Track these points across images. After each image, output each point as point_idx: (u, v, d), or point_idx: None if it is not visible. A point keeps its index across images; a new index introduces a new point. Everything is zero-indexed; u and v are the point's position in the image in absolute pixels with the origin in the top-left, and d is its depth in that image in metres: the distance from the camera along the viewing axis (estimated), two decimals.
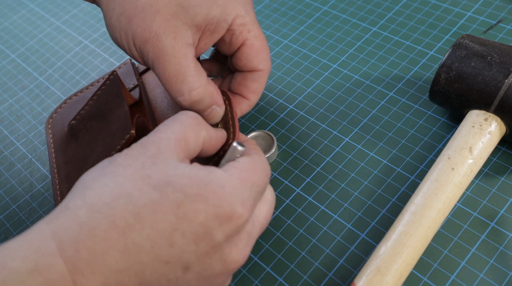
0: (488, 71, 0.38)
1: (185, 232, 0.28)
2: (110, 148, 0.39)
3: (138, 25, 0.34)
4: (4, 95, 0.58)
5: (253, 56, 0.38)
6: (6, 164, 0.51)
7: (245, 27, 0.36)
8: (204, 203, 0.28)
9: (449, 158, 0.37)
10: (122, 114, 0.40)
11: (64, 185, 0.42)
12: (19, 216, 0.46)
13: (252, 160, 0.32)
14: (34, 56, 0.62)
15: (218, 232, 0.28)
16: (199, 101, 0.35)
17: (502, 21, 0.51)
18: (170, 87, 0.35)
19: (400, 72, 0.49)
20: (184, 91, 0.35)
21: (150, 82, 0.47)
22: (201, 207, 0.28)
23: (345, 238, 0.39)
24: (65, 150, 0.44)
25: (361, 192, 0.42)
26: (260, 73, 0.39)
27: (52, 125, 0.47)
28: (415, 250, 0.34)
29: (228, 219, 0.28)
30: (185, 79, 0.34)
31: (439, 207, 0.35)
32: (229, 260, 0.30)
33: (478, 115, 0.39)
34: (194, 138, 0.32)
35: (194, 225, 0.28)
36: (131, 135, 0.38)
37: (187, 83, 0.34)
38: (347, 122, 0.46)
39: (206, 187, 0.29)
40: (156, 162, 0.29)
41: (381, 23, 0.55)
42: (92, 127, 0.43)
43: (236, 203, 0.29)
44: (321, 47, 0.54)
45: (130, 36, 0.34)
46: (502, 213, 0.38)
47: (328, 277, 0.37)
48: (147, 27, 0.34)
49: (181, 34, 0.34)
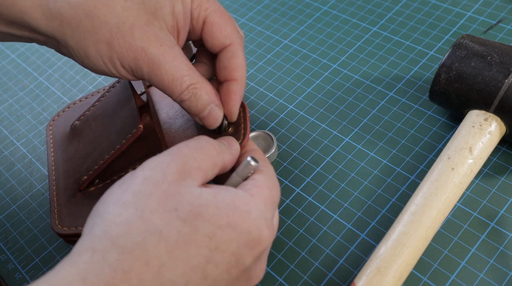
0: (488, 71, 0.38)
1: (218, 263, 0.28)
2: (115, 143, 0.39)
3: (120, 46, 0.33)
4: (4, 95, 0.58)
5: (216, 32, 0.36)
6: (6, 164, 0.51)
7: (202, 6, 0.35)
8: (235, 232, 0.28)
9: (449, 158, 0.37)
10: (130, 112, 0.40)
11: (61, 181, 0.42)
12: (19, 216, 0.46)
13: (268, 177, 0.33)
14: (34, 56, 0.62)
15: (249, 258, 0.29)
16: (198, 96, 0.35)
17: (502, 21, 0.51)
18: (171, 91, 0.35)
19: (400, 72, 0.49)
20: (183, 89, 0.35)
21: (157, 95, 0.47)
22: (232, 236, 0.28)
23: (345, 238, 0.39)
24: (66, 148, 0.44)
25: (361, 192, 0.42)
26: (231, 47, 0.36)
27: (53, 127, 0.47)
28: (415, 250, 0.34)
29: (257, 244, 0.29)
30: (182, 79, 0.34)
31: (439, 207, 0.35)
32: (253, 278, 0.31)
33: (478, 115, 0.39)
34: (212, 169, 0.31)
35: (226, 255, 0.28)
36: (139, 129, 0.38)
37: (184, 83, 0.34)
38: (347, 122, 0.46)
39: (234, 214, 0.28)
40: (179, 191, 0.28)
41: (381, 23, 0.55)
42: (96, 126, 0.43)
43: (263, 226, 0.29)
44: (321, 47, 0.54)
45: (116, 60, 0.34)
46: (502, 213, 0.38)
47: (328, 277, 0.37)
48: (130, 45, 0.33)
49: (164, 39, 0.34)
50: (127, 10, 0.33)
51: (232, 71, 0.37)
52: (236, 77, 0.37)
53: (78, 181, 0.41)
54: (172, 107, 0.45)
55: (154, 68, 0.34)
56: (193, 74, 0.35)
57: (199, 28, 0.36)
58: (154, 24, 0.34)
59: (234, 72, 0.37)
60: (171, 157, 0.30)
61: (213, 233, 0.28)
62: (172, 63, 0.34)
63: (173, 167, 0.29)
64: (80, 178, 0.41)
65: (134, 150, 0.41)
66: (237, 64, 0.37)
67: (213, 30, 0.36)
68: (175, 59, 0.34)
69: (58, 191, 0.42)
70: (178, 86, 0.34)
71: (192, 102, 0.35)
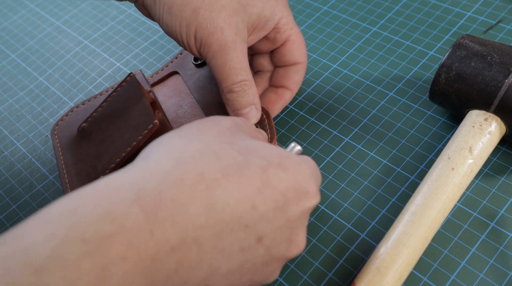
0: (488, 71, 0.38)
1: (267, 197, 0.27)
2: (130, 141, 0.39)
3: (204, 17, 0.35)
4: (4, 95, 0.58)
5: (295, 50, 0.42)
6: (6, 164, 0.51)
7: (289, 26, 0.41)
8: (286, 173, 0.28)
9: (449, 158, 0.37)
10: (143, 109, 0.40)
11: (75, 183, 0.42)
12: (19, 216, 0.46)
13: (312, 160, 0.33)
14: (34, 56, 0.62)
15: (294, 206, 0.28)
16: (246, 92, 0.38)
17: (502, 21, 0.51)
18: (226, 77, 0.37)
19: (400, 72, 0.49)
20: (237, 81, 0.38)
21: (161, 95, 0.47)
22: (283, 175, 0.28)
23: (345, 238, 0.39)
24: (75, 150, 0.44)
25: (361, 192, 0.42)
26: (301, 65, 0.43)
27: (58, 131, 0.47)
28: (415, 250, 0.34)
29: (304, 195, 0.29)
30: (241, 72, 0.37)
31: (439, 207, 0.35)
32: (294, 243, 0.29)
33: (478, 115, 0.39)
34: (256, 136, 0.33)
35: (276, 192, 0.27)
36: (155, 124, 0.38)
37: (241, 76, 0.38)
38: (347, 122, 0.46)
39: (286, 159, 0.29)
40: (234, 133, 0.30)
41: (381, 23, 0.55)
42: (106, 127, 0.43)
43: (311, 182, 0.30)
44: (321, 47, 0.54)
45: (193, 27, 0.36)
46: (502, 213, 0.38)
47: (328, 277, 0.37)
48: (213, 21, 0.35)
49: (241, 31, 0.37)
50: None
51: (293, 83, 0.44)
52: (292, 89, 0.44)
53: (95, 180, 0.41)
54: (180, 107, 0.45)
55: (222, 50, 0.36)
56: (249, 72, 0.38)
57: (279, 41, 0.42)
58: (240, 15, 0.37)
59: (293, 85, 0.44)
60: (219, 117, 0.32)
61: (266, 167, 0.28)
62: (238, 54, 0.37)
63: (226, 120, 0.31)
64: (96, 177, 0.41)
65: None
66: (299, 80, 0.44)
67: (293, 48, 0.42)
68: (241, 52, 0.37)
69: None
70: (234, 76, 0.37)
71: (239, 96, 0.38)
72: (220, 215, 0.26)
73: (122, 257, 0.23)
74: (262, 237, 0.27)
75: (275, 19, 0.39)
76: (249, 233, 0.27)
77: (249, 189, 0.27)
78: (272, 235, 0.28)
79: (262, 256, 0.28)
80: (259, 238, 0.27)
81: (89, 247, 0.22)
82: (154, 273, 0.24)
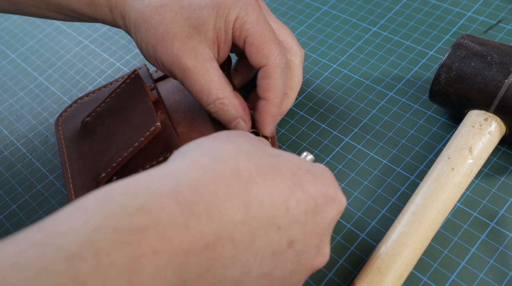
0: (488, 71, 0.38)
1: (300, 199, 0.27)
2: (132, 140, 0.39)
3: (161, 52, 0.38)
4: (4, 95, 0.58)
5: (254, 53, 0.38)
6: (6, 164, 0.51)
7: (244, 27, 0.38)
8: (314, 177, 0.28)
9: (449, 158, 0.37)
10: (146, 109, 0.40)
11: (77, 178, 0.42)
12: (19, 216, 0.46)
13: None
14: (34, 56, 0.62)
15: (324, 211, 0.28)
16: (224, 111, 0.39)
17: (502, 21, 0.51)
18: (199, 99, 0.39)
19: (400, 72, 0.49)
20: (210, 102, 0.39)
21: (164, 91, 0.47)
22: (312, 179, 0.28)
23: (345, 238, 0.39)
24: (79, 144, 0.45)
25: (361, 192, 0.42)
26: (266, 68, 0.38)
27: (62, 122, 0.48)
28: (415, 250, 0.34)
29: (332, 200, 0.29)
30: (210, 92, 0.38)
31: (439, 207, 0.35)
32: (321, 251, 0.29)
33: (478, 115, 0.39)
34: None
35: (307, 196, 0.28)
36: (157, 127, 0.38)
37: (211, 96, 0.38)
38: (347, 122, 0.46)
39: (312, 166, 0.29)
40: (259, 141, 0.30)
41: (381, 23, 0.55)
42: (109, 124, 0.43)
43: (338, 189, 0.30)
44: (321, 47, 0.54)
45: (159, 61, 0.39)
46: (502, 213, 0.38)
47: (328, 277, 0.37)
48: (169, 52, 0.38)
49: (200, 52, 0.38)
50: (174, 22, 0.38)
51: (264, 91, 0.39)
52: (267, 97, 0.39)
53: (96, 178, 0.41)
54: (183, 104, 0.45)
55: (185, 76, 0.38)
56: (222, 89, 0.38)
57: (241, 46, 0.39)
58: (194, 38, 0.38)
59: (266, 92, 0.39)
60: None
61: (296, 171, 0.28)
62: (202, 75, 0.38)
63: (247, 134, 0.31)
64: (98, 175, 0.41)
65: (151, 146, 0.41)
66: (269, 85, 0.39)
67: (251, 51, 0.38)
68: (206, 72, 0.38)
69: (76, 188, 0.42)
70: (205, 98, 0.38)
71: (219, 115, 0.39)
72: (255, 213, 0.25)
73: (154, 251, 0.22)
74: (294, 241, 0.27)
75: (230, 26, 0.38)
76: (281, 235, 0.26)
77: (283, 190, 0.27)
78: (303, 240, 0.28)
79: (291, 262, 0.28)
80: (290, 242, 0.27)
81: (122, 237, 0.22)
82: (187, 270, 0.23)
